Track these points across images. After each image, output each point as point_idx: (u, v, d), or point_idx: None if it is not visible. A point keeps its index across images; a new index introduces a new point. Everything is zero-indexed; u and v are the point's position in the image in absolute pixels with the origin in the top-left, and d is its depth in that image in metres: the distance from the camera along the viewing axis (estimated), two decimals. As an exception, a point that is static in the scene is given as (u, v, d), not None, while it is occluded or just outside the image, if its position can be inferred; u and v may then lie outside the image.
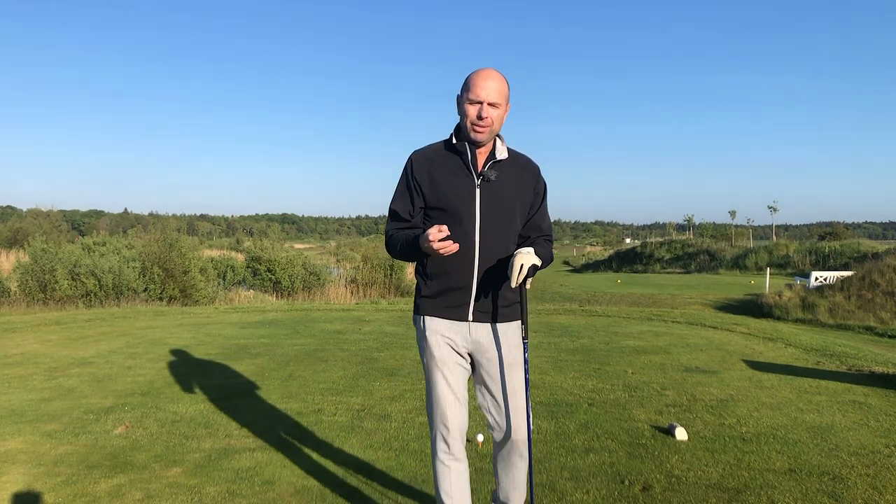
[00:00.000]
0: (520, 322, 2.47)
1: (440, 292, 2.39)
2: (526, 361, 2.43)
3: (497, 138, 2.41)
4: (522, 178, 2.42)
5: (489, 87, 2.27)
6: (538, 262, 2.28)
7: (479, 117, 2.28)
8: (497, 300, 2.39)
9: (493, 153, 2.39)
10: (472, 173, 2.36)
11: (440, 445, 2.41)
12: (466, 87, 2.32)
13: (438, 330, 2.39)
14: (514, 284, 2.25)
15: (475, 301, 2.38)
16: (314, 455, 3.73)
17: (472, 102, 2.29)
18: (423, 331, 2.42)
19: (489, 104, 2.27)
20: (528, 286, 2.32)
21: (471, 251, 2.33)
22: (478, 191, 2.34)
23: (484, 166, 2.37)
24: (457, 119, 2.41)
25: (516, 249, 2.32)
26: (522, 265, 2.24)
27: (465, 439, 2.47)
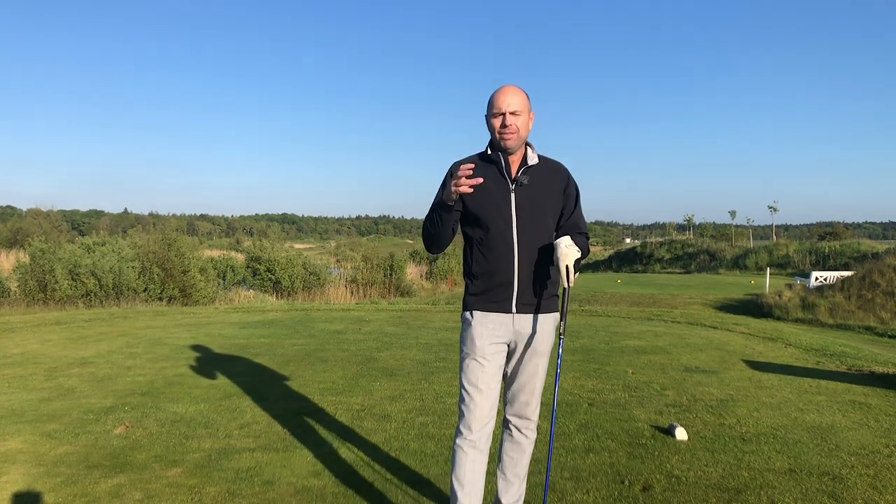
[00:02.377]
0: (557, 314, 2.70)
1: (486, 289, 2.58)
2: (559, 356, 2.61)
3: (528, 147, 2.63)
4: (553, 180, 2.63)
5: (508, 99, 2.51)
6: (579, 254, 2.50)
7: (504, 125, 2.50)
8: (537, 293, 2.59)
9: (524, 160, 2.60)
10: (506, 180, 2.57)
11: (464, 432, 2.53)
12: (489, 105, 2.56)
13: (485, 322, 2.58)
14: (570, 284, 2.49)
15: (517, 295, 2.57)
16: (314, 455, 3.73)
17: (495, 115, 2.53)
18: (471, 322, 2.59)
19: (510, 113, 2.50)
20: (575, 276, 2.50)
21: (511, 251, 2.54)
22: (513, 195, 2.55)
23: (517, 172, 2.58)
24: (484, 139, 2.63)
25: (556, 241, 2.53)
26: (568, 266, 2.45)
27: (490, 431, 2.56)
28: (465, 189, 2.35)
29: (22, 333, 8.42)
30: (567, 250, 2.46)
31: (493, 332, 2.56)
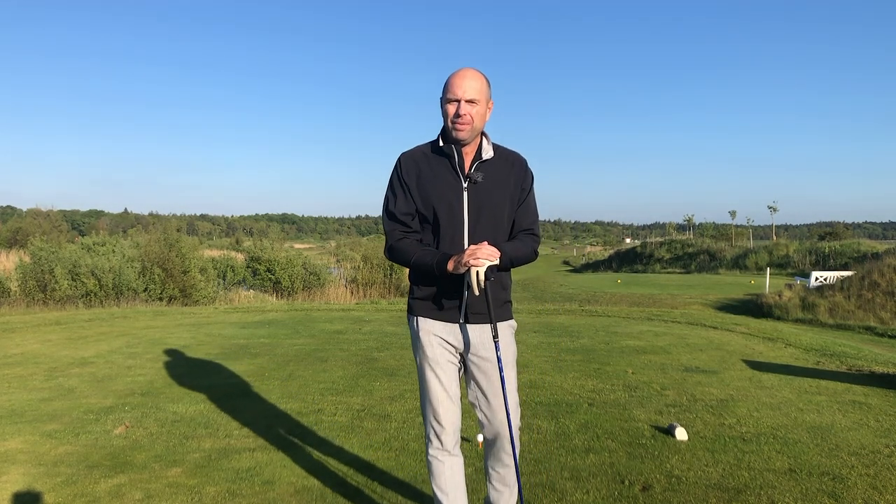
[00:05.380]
0: (513, 321, 2.53)
1: (433, 294, 2.42)
2: (499, 359, 2.37)
3: (483, 137, 2.42)
4: (510, 175, 2.42)
5: (465, 85, 2.29)
6: (493, 262, 2.25)
7: (457, 115, 2.30)
8: (488, 301, 2.35)
9: (479, 153, 2.40)
10: (459, 175, 2.37)
11: (433, 442, 2.45)
12: (445, 87, 2.35)
13: (432, 330, 2.42)
14: (476, 293, 2.25)
15: (467, 303, 2.41)
16: (314, 455, 3.73)
17: (450, 101, 2.32)
18: (417, 331, 2.45)
19: (466, 101, 2.29)
20: (484, 286, 2.26)
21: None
22: (465, 193, 2.36)
23: (471, 167, 2.38)
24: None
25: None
26: (478, 272, 2.22)
27: (458, 436, 2.49)
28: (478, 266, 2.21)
29: (22, 333, 8.42)
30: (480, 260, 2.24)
31: (442, 340, 2.41)
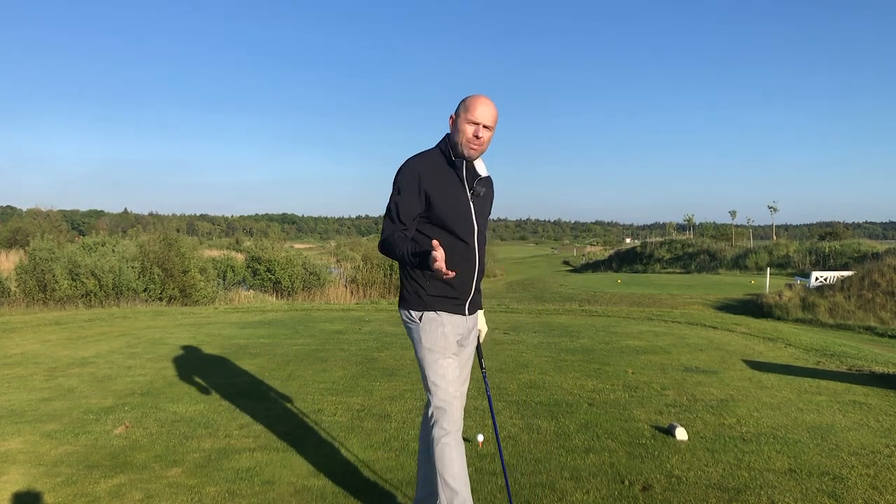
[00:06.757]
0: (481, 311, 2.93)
1: (449, 294, 2.64)
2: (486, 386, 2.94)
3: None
4: (489, 191, 2.78)
5: (487, 112, 2.55)
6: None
7: (476, 136, 2.55)
8: (478, 294, 2.79)
9: (474, 170, 2.67)
10: (465, 188, 2.63)
11: (448, 427, 2.54)
12: (465, 108, 2.57)
13: (451, 322, 2.65)
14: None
15: (471, 298, 2.73)
16: (314, 455, 3.73)
17: (470, 122, 2.55)
18: (440, 320, 2.62)
19: (484, 126, 2.55)
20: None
21: (473, 258, 2.66)
22: (472, 204, 2.64)
23: (470, 181, 2.64)
24: (439, 135, 2.68)
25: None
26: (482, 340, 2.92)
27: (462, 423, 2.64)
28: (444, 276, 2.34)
29: (22, 333, 8.42)
30: (485, 325, 2.94)
31: (455, 330, 2.67)
